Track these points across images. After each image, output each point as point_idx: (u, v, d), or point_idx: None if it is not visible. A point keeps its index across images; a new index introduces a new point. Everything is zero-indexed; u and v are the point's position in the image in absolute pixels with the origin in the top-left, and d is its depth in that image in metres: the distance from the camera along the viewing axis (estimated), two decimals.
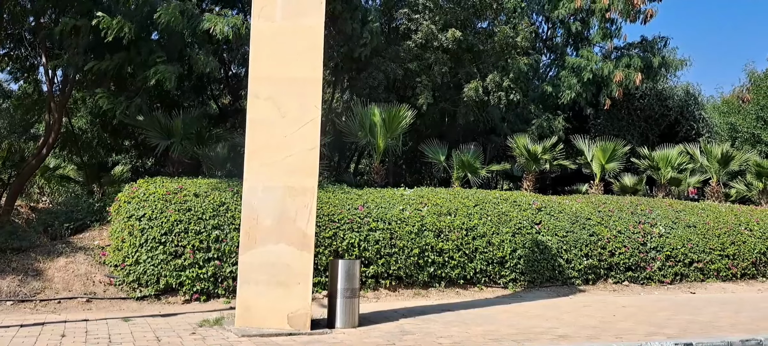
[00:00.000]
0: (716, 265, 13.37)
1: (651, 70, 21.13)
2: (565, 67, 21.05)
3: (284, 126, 7.54)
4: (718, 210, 14.82)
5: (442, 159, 16.38)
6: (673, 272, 12.97)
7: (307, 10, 7.71)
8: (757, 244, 13.95)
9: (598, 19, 21.13)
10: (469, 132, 19.63)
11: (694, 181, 19.05)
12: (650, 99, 22.67)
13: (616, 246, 12.68)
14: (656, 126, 22.86)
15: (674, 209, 14.30)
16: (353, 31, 15.69)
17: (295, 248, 7.44)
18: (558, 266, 12.11)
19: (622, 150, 17.13)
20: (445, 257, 11.11)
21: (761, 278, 13.85)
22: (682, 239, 13.30)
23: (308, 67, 7.65)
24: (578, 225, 12.67)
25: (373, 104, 14.56)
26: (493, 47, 18.64)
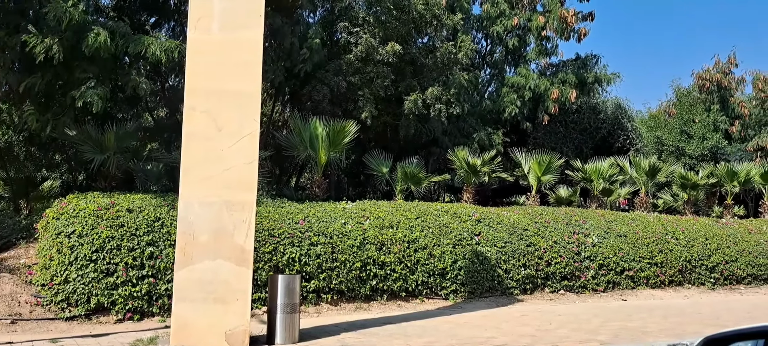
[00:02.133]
0: (646, 273, 13.93)
1: (585, 86, 21.97)
2: (504, 84, 21.61)
3: (221, 140, 7.42)
4: (647, 220, 15.47)
5: (385, 171, 16.46)
6: (605, 280, 13.43)
7: (245, 23, 7.63)
8: (682, 252, 14.62)
9: (535, 37, 21.82)
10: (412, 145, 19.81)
11: (624, 192, 19.84)
12: (584, 113, 23.51)
13: (553, 256, 13.04)
14: (590, 139, 23.70)
15: (606, 219, 14.84)
16: (293, 46, 15.65)
17: (234, 263, 7.31)
18: (497, 276, 12.35)
19: (557, 163, 17.67)
20: (387, 270, 11.14)
21: (687, 284, 14.51)
22: (613, 249, 13.81)
23: (246, 80, 7.56)
24: (516, 236, 12.97)
25: (315, 118, 14.52)
26: (435, 62, 18.93)
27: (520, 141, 21.81)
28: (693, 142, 26.23)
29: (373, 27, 17.63)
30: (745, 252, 15.53)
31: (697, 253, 14.78)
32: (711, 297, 13.72)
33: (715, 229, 15.97)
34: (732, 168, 20.66)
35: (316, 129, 14.04)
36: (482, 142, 19.94)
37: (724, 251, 15.22)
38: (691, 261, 14.65)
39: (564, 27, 20.65)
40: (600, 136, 23.74)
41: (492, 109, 21.47)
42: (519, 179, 18.69)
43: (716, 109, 27.64)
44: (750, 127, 27.26)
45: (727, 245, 15.43)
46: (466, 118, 20.58)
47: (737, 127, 27.18)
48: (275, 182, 18.19)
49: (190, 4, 7.65)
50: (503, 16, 21.75)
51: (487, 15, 22.03)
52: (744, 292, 14.66)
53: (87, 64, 11.69)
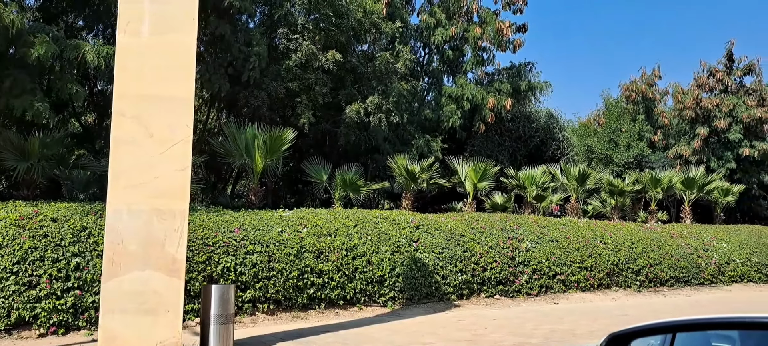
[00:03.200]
0: (576, 276, 14.41)
1: (519, 94, 22.64)
2: (443, 93, 21.99)
3: (152, 146, 7.20)
4: (577, 225, 16.02)
5: (324, 178, 16.39)
6: (539, 285, 13.81)
7: (177, 26, 7.45)
8: (610, 256, 15.22)
9: (472, 47, 22.32)
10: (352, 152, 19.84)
11: (556, 198, 20.49)
12: (519, 122, 24.18)
13: (488, 261, 13.30)
14: (524, 147, 24.39)
15: (539, 224, 15.27)
16: (240, 53, 15.46)
17: (164, 274, 7.09)
18: (435, 282, 12.48)
19: (493, 170, 18.08)
20: (325, 278, 11.07)
21: (615, 287, 15.10)
22: (546, 253, 14.22)
23: (179, 85, 7.38)
24: (453, 242, 13.16)
25: (252, 124, 14.31)
26: (374, 70, 19.06)
27: (458, 148, 22.20)
28: (620, 151, 27.41)
29: (312, 34, 17.59)
30: (667, 255, 16.31)
31: (624, 257, 15.41)
32: (637, 299, 14.31)
33: (640, 233, 16.70)
34: (655, 175, 21.68)
35: (252, 136, 13.83)
36: (421, 150, 20.19)
37: (648, 254, 15.93)
38: (619, 265, 15.26)
39: (500, 38, 21.22)
40: (533, 145, 24.46)
41: (431, 118, 21.80)
42: (456, 185, 19.02)
43: (641, 119, 28.98)
44: (671, 136, 28.71)
45: (652, 248, 16.16)
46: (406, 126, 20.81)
47: (660, 136, 28.58)
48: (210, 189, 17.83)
49: (120, 7, 7.40)
50: (441, 27, 22.14)
51: (425, 25, 22.38)
52: (667, 293, 15.37)
53: (15, 70, 11.14)
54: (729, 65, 28.84)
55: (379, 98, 18.31)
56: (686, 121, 27.95)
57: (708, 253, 17.47)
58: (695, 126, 27.48)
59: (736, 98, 27.51)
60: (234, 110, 18.24)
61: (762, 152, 26.46)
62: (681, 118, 28.14)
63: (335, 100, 18.37)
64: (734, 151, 26.81)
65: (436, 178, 18.28)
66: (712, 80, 28.65)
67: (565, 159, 23.86)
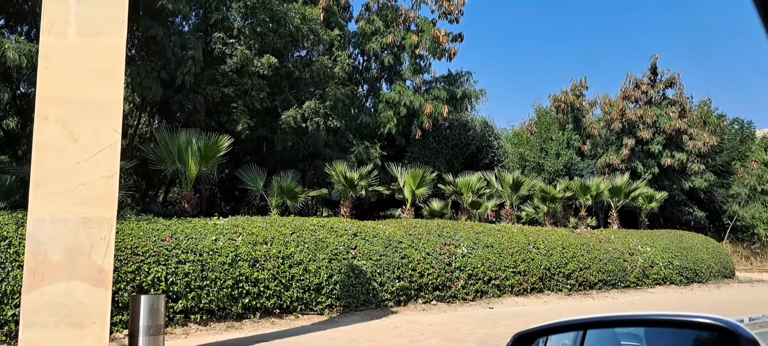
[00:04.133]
0: (510, 281, 14.75)
1: (456, 101, 23.04)
2: (381, 100, 22.13)
3: (77, 152, 6.90)
4: (511, 231, 16.41)
5: (260, 186, 16.15)
6: (474, 290, 14.06)
7: (106, 29, 7.18)
8: (543, 261, 15.66)
9: (409, 55, 22.56)
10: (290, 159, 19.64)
11: (491, 204, 20.94)
12: (455, 130, 24.59)
13: (425, 267, 13.44)
14: (461, 154, 24.82)
15: (475, 230, 15.56)
16: (174, 56, 15.05)
17: (90, 284, 6.79)
18: (372, 289, 12.50)
19: (431, 177, 18.31)
20: (261, 287, 10.90)
21: (547, 291, 15.55)
22: (482, 259, 14.49)
23: (107, 88, 7.11)
24: (391, 249, 13.22)
25: (184, 130, 13.94)
26: (312, 76, 18.95)
27: (397, 155, 22.37)
28: (550, 159, 28.32)
29: (249, 39, 17.34)
30: (596, 259, 16.94)
31: (555, 261, 15.89)
32: (568, 302, 14.78)
33: (570, 239, 17.27)
34: (585, 182, 22.51)
35: (186, 142, 13.46)
36: (360, 157, 20.22)
37: (578, 259, 16.49)
38: (551, 269, 15.73)
39: (436, 47, 21.54)
40: (469, 152, 24.92)
41: (369, 124, 21.88)
42: (395, 192, 19.14)
43: (570, 129, 30.07)
44: (599, 145, 29.90)
45: (582, 253, 16.75)
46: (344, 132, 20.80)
47: (588, 145, 29.71)
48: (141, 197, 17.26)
49: (44, 6, 7.07)
50: (378, 34, 22.30)
51: (362, 32, 22.48)
52: (596, 296, 15.95)
53: None
54: (653, 78, 30.36)
55: (317, 103, 18.22)
56: (614, 132, 29.19)
57: (633, 257, 18.24)
58: (622, 137, 28.73)
59: (660, 110, 28.95)
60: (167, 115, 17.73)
61: (680, 162, 27.93)
62: (609, 128, 29.37)
63: (272, 106, 18.14)
64: (657, 160, 28.18)
65: (374, 185, 18.35)
66: (637, 92, 30.07)
67: (499, 166, 24.43)
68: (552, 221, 21.72)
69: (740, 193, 29.79)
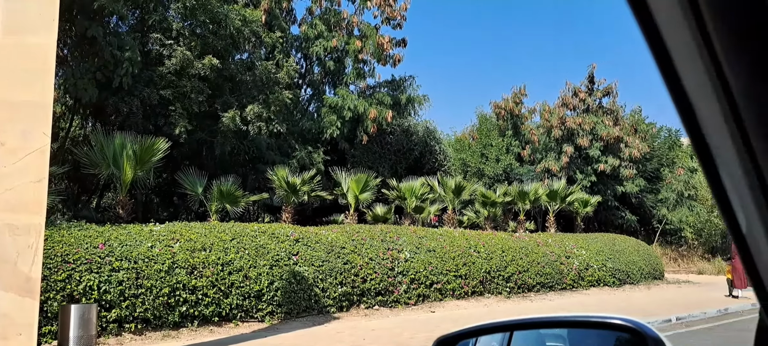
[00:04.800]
0: (452, 285, 14.95)
1: (400, 106, 23.21)
2: (325, 104, 22.05)
3: (3, 155, 6.58)
4: (453, 235, 16.64)
5: (199, 191, 15.80)
6: (416, 294, 14.17)
7: (35, 28, 6.88)
8: (483, 264, 15.95)
9: (353, 60, 22.59)
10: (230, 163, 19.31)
11: (434, 209, 21.19)
12: (399, 135, 24.78)
13: (368, 273, 13.46)
14: (404, 159, 25.02)
15: (418, 235, 15.69)
16: (112, 57, 14.57)
17: (16, 294, 6.48)
18: (314, 295, 12.42)
19: (374, 182, 18.36)
20: (199, 295, 10.66)
21: (487, 294, 15.84)
22: (424, 263, 14.63)
23: (36, 89, 6.81)
24: (334, 254, 13.18)
25: (120, 133, 13.50)
26: (255, 79, 18.71)
27: (340, 160, 22.32)
28: (490, 164, 28.92)
29: (188, 40, 16.97)
30: (534, 263, 17.37)
31: (495, 265, 16.21)
32: (507, 305, 15.10)
33: (510, 242, 17.66)
34: (523, 188, 23.08)
35: (121, 145, 13.02)
36: (303, 162, 20.09)
37: (517, 262, 16.88)
38: (491, 272, 16.04)
39: (380, 52, 21.65)
40: (413, 157, 25.15)
41: (312, 129, 21.77)
42: (338, 197, 19.09)
43: (510, 135, 30.81)
44: (538, 151, 30.74)
45: (520, 256, 17.15)
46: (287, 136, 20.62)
47: (528, 151, 30.51)
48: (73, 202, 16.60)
49: None
50: (322, 38, 22.23)
51: (305, 36, 22.37)
52: (534, 299, 16.35)
53: None
54: (591, 86, 31.45)
55: (260, 107, 18.00)
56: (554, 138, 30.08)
57: (569, 260, 18.81)
58: (562, 143, 29.63)
59: (596, 118, 30.02)
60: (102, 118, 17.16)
61: (614, 167, 29.06)
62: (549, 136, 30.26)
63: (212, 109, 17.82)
64: (593, 166, 29.21)
65: (317, 190, 18.25)
66: (575, 100, 31.08)
67: (442, 171, 24.75)
68: (492, 225, 22.15)
69: (669, 197, 31.20)
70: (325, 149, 21.62)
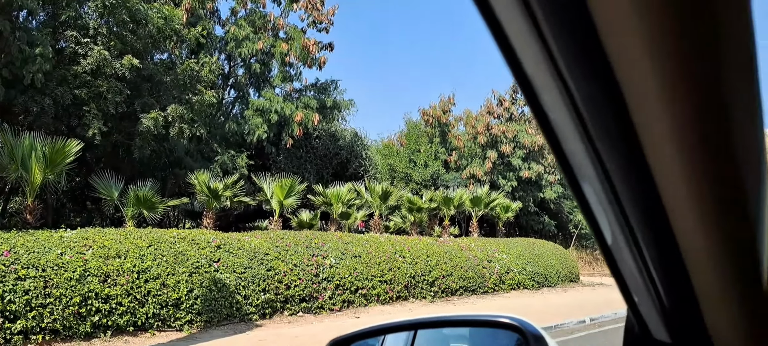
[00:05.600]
0: (377, 290, 15.00)
1: (325, 110, 23.11)
2: (249, 107, 21.64)
3: None
4: (379, 241, 16.72)
5: (115, 196, 15.11)
6: (341, 300, 14.12)
7: None
8: (408, 269, 16.10)
9: (279, 62, 22.32)
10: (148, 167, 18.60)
11: (361, 215, 21.20)
12: (325, 140, 24.67)
13: (292, 279, 13.30)
14: (330, 165, 24.93)
15: (343, 241, 15.66)
16: (21, 53, 13.71)
17: None
18: (236, 302, 12.14)
19: (300, 187, 18.17)
20: (113, 304, 10.19)
21: (412, 299, 16.00)
22: (349, 269, 14.61)
23: None
24: (256, 261, 12.94)
25: (29, 134, 12.74)
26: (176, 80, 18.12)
27: (265, 165, 21.98)
28: (418, 170, 29.29)
29: (106, 39, 16.25)
30: (458, 267, 17.70)
31: (420, 269, 16.40)
32: (430, 309, 15.29)
33: (434, 247, 17.93)
34: (448, 194, 23.51)
35: (29, 147, 12.28)
36: (226, 166, 19.63)
37: (441, 266, 17.15)
38: (415, 277, 16.21)
39: (306, 55, 21.49)
40: (339, 163, 25.11)
41: (237, 132, 21.32)
42: (262, 203, 18.76)
43: (437, 142, 31.33)
44: (464, 158, 31.41)
45: (444, 261, 17.43)
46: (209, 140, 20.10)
47: (454, 157, 31.12)
48: None
49: None
50: (247, 40, 21.85)
51: (231, 37, 21.91)
52: (457, 303, 16.66)
53: None
54: (514, 95, 32.44)
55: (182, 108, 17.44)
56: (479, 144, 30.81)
57: (491, 264, 19.29)
58: (486, 150, 30.39)
59: (519, 126, 30.99)
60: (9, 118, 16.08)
61: (537, 173, 30.09)
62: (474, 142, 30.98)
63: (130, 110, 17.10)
64: (516, 173, 30.13)
65: (240, 195, 17.87)
66: (500, 108, 31.97)
67: (369, 177, 24.84)
68: (418, 231, 22.41)
69: None
70: (250, 153, 21.20)
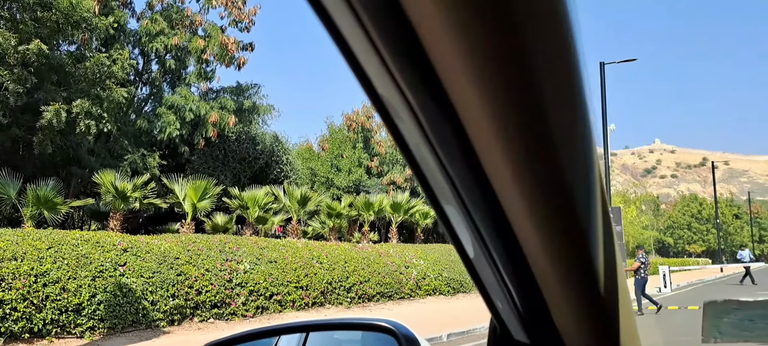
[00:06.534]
0: (292, 296, 14.79)
1: (243, 113, 22.59)
2: (163, 104, 20.83)
3: None
4: (296, 246, 16.51)
5: (13, 194, 14.16)
6: (255, 306, 13.82)
7: None
8: (325, 275, 15.99)
9: (195, 60, 21.63)
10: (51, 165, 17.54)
11: (278, 219, 20.88)
12: (244, 143, 24.13)
13: (204, 284, 12.88)
14: (249, 168, 24.41)
15: (259, 246, 15.35)
16: None
17: None
18: (143, 308, 11.62)
19: (215, 190, 17.67)
20: (7, 309, 9.50)
21: (328, 305, 15.88)
22: (264, 274, 14.32)
23: None
24: (166, 265, 12.45)
25: None
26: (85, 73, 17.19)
27: (178, 166, 21.23)
28: (341, 175, 29.22)
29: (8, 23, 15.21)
30: (375, 273, 17.75)
31: (337, 275, 16.32)
32: (346, 315, 15.24)
33: (353, 253, 17.90)
34: (368, 199, 23.58)
35: None
36: (136, 166, 18.81)
37: (359, 272, 17.13)
38: (332, 283, 16.11)
39: (225, 53, 20.94)
40: (258, 166, 24.63)
41: (148, 130, 20.46)
42: (174, 205, 18.10)
43: (360, 147, 31.39)
44: (386, 164, 31.65)
45: (362, 267, 17.43)
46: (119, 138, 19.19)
47: (376, 163, 31.30)
48: None
49: None
50: (163, 35, 21.06)
51: (146, 31, 21.05)
52: (373, 309, 16.69)
53: None
54: None
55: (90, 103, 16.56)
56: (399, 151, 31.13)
57: (408, 270, 19.48)
58: None
59: None
60: None
61: None
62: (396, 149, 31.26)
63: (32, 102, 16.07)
64: None
65: (151, 197, 17.16)
66: None
67: (289, 181, 24.50)
68: (337, 236, 22.32)
69: None
70: (162, 153, 20.39)
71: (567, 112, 0.51)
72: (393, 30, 0.46)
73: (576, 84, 0.49)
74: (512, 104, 0.48)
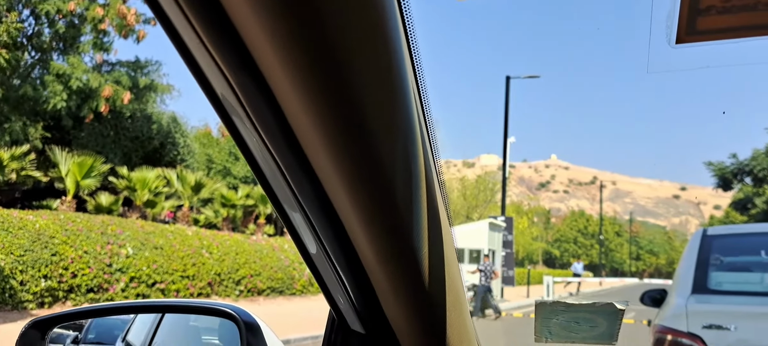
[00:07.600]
0: (177, 285, 14.24)
1: (139, 91, 21.45)
2: (51, 72, 19.37)
3: None
4: (186, 233, 15.92)
5: None
6: (135, 293, 13.18)
7: None
8: (214, 266, 15.53)
9: (91, 27, 20.31)
10: None
11: (169, 205, 20.05)
12: (138, 121, 22.97)
13: (80, 267, 12.13)
14: (142, 148, 23.26)
15: (145, 230, 14.65)
16: None
17: None
18: (10, 288, 10.76)
19: (102, 168, 16.72)
20: None
21: (215, 296, 15.44)
22: (148, 261, 13.70)
23: None
24: (40, 243, 11.60)
25: None
26: None
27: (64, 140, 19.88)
28: (239, 165, 28.51)
29: None
30: (267, 267, 17.47)
31: (227, 267, 15.90)
32: None
33: (245, 245, 17.51)
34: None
35: None
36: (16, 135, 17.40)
37: (250, 265, 16.79)
38: (221, 274, 15.68)
39: (123, 24, 19.78)
40: (152, 147, 23.54)
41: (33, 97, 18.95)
42: (55, 180, 16.91)
43: None
44: None
45: (254, 260, 17.09)
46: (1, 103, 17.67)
47: None
48: None
49: None
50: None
51: None
52: (262, 303, 16.43)
53: None
54: None
55: None
56: None
57: (302, 266, 19.32)
58: None
59: None
60: None
61: None
62: None
63: None
64: None
65: (30, 169, 15.95)
66: None
67: (184, 166, 23.58)
68: (231, 227, 21.76)
69: None
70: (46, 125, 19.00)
71: (385, 106, 0.51)
72: (216, 22, 0.46)
73: (394, 79, 0.50)
74: (328, 98, 0.48)
